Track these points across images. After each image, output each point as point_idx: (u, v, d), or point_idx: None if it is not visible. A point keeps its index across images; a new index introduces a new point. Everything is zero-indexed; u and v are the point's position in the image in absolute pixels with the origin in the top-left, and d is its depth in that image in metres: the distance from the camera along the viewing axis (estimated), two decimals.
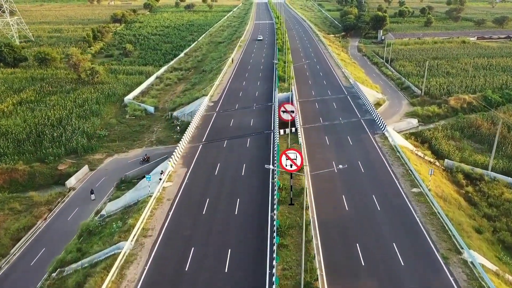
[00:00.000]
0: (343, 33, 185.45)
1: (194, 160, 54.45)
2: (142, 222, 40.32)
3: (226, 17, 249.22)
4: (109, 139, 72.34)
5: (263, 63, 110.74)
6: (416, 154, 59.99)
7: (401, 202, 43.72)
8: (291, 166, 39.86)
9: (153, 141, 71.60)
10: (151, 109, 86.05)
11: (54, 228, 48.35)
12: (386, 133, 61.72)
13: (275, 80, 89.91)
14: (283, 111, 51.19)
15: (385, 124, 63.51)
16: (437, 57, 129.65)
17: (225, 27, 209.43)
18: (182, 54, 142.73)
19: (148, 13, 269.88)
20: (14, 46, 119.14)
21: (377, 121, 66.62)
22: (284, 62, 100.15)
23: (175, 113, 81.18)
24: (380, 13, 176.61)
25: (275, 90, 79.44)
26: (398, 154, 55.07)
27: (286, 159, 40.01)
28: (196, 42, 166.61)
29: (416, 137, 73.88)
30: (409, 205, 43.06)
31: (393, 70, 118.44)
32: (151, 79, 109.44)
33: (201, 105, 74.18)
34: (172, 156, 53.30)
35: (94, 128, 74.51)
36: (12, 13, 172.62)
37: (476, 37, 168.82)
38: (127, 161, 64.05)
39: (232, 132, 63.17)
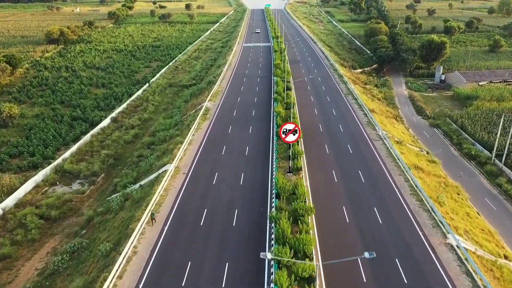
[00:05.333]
0: (374, 65, 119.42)
1: None
2: None
3: (209, 32, 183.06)
4: None
5: (243, 191, 45.17)
6: None
7: None
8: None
9: None
10: None
11: None
12: None
13: None
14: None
15: None
16: None
17: (202, 52, 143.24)
18: (106, 122, 76.90)
19: (111, 25, 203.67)
20: None
21: None
22: (297, 215, 35.13)
23: None
24: (435, 37, 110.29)
25: None
26: None
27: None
28: (146, 86, 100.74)
29: None
30: None
31: None
32: None
33: None
34: None
35: None
36: None
37: None
38: None
39: None
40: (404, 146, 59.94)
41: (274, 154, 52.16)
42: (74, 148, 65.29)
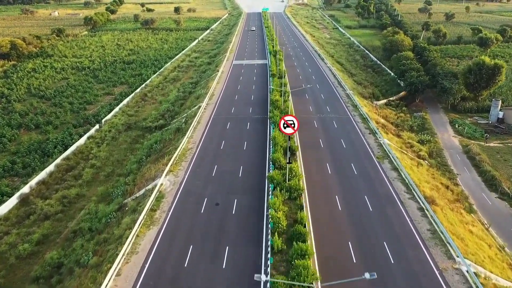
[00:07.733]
0: (401, 92, 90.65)
1: None
2: None
3: (196, 41, 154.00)
4: None
5: None
6: None
7: None
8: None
9: None
10: None
11: None
12: None
13: None
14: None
15: None
16: None
17: (183, 70, 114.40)
18: (6, 208, 47.82)
19: (86, 33, 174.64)
20: None
21: None
22: None
23: None
24: (486, 58, 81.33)
25: None
26: None
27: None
28: (95, 129, 71.92)
29: None
30: None
31: None
32: None
33: None
34: None
35: None
36: None
37: None
38: None
39: None
40: None
41: None
42: None
